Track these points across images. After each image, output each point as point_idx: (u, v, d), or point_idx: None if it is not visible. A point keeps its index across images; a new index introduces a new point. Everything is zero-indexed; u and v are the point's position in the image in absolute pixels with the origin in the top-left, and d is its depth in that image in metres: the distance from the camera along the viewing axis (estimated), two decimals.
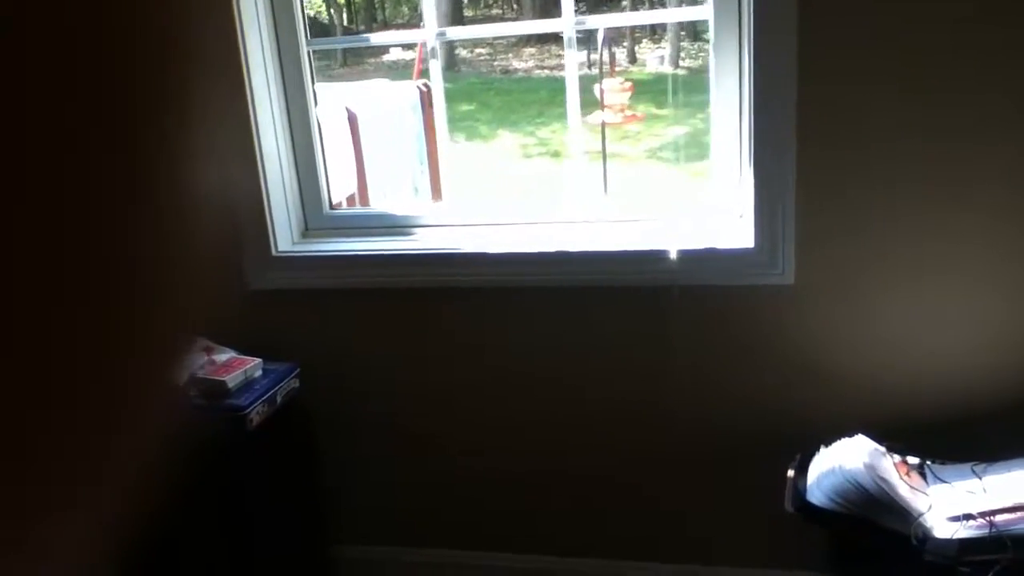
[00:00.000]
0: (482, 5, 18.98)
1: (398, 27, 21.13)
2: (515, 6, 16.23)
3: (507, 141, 10.50)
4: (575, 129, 2.08)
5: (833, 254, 1.84)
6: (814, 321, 1.89)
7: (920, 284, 1.82)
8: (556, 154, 9.61)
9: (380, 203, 4.93)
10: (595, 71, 6.42)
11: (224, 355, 1.99)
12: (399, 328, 2.13)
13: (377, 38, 4.66)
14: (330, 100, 5.09)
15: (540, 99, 10.74)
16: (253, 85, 2.02)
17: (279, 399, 1.97)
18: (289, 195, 2.15)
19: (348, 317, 2.15)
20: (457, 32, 2.32)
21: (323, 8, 19.66)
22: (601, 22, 2.78)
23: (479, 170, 9.02)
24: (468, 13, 19.66)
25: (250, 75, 2.01)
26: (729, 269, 1.90)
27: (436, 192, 5.59)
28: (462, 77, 14.33)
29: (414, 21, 18.37)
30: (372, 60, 14.01)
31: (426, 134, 5.42)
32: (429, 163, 5.51)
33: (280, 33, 2.08)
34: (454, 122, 11.37)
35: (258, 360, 1.97)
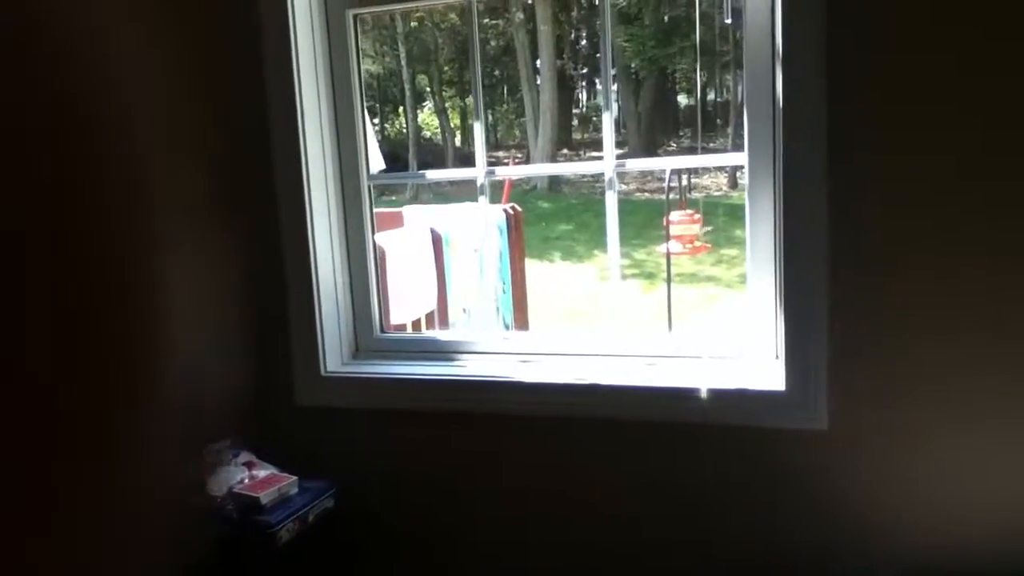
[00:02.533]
0: (591, 128, 19.58)
1: (509, 148, 21.98)
2: (622, 131, 16.68)
3: (603, 261, 10.61)
4: (614, 261, 2.12)
5: (870, 399, 1.79)
6: (849, 469, 1.82)
7: (968, 430, 1.74)
8: (650, 276, 9.65)
9: (459, 322, 5.06)
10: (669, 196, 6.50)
11: (265, 471, 2.07)
12: (439, 454, 2.16)
13: (433, 175, 4.93)
14: (417, 221, 5.33)
15: (637, 222, 10.88)
16: (313, 209, 2.15)
17: (311, 518, 2.01)
18: (342, 317, 2.26)
19: (390, 440, 2.20)
20: (504, 171, 2.44)
21: (437, 130, 20.69)
22: (637, 165, 2.85)
23: (566, 291, 9.13)
24: (576, 136, 20.28)
25: (311, 199, 2.15)
26: (759, 411, 1.87)
27: (519, 312, 5.69)
28: (564, 198, 14.70)
29: (524, 142, 19.09)
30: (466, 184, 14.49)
31: (511, 256, 5.57)
32: (513, 285, 5.64)
33: (343, 163, 2.23)
34: (551, 241, 11.60)
35: (294, 478, 2.03)
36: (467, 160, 18.62)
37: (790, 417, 1.84)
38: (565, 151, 19.82)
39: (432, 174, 3.51)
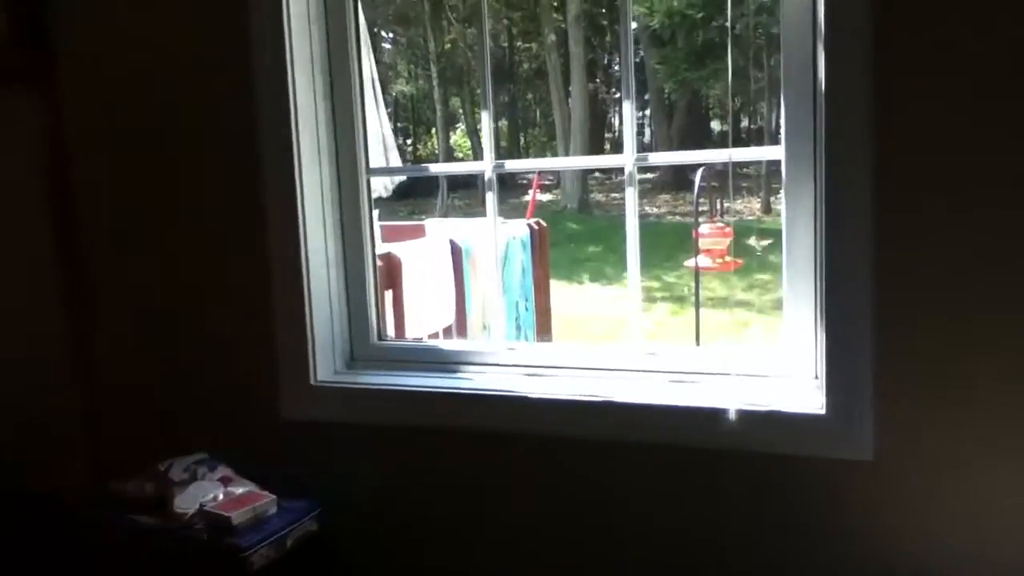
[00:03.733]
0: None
1: (541, 171, 21.83)
2: (671, 138, 16.48)
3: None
4: (633, 276, 1.92)
5: (921, 427, 1.56)
6: (896, 505, 1.59)
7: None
8: (680, 299, 9.41)
9: (479, 338, 4.86)
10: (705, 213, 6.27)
11: (243, 488, 1.87)
12: (436, 475, 1.96)
13: (438, 168, 4.74)
14: (439, 234, 5.16)
15: (668, 243, 10.65)
16: (305, 202, 1.97)
17: (290, 542, 1.81)
18: (336, 321, 2.07)
19: (383, 457, 2.00)
20: (513, 164, 2.27)
21: (469, 152, 20.64)
22: (660, 159, 2.64)
23: (593, 312, 8.93)
24: (609, 148, 20.10)
25: (303, 191, 1.97)
26: (795, 437, 1.64)
27: (542, 330, 5.48)
28: (594, 220, 14.51)
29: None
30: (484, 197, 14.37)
31: (534, 272, 5.37)
32: (536, 302, 5.43)
33: (340, 157, 2.05)
34: (580, 262, 11.40)
35: (271, 497, 1.83)
36: (506, 183, 18.53)
37: (831, 446, 1.61)
38: (597, 174, 19.68)
39: (437, 167, 3.32)
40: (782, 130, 1.70)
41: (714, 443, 1.70)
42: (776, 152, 1.73)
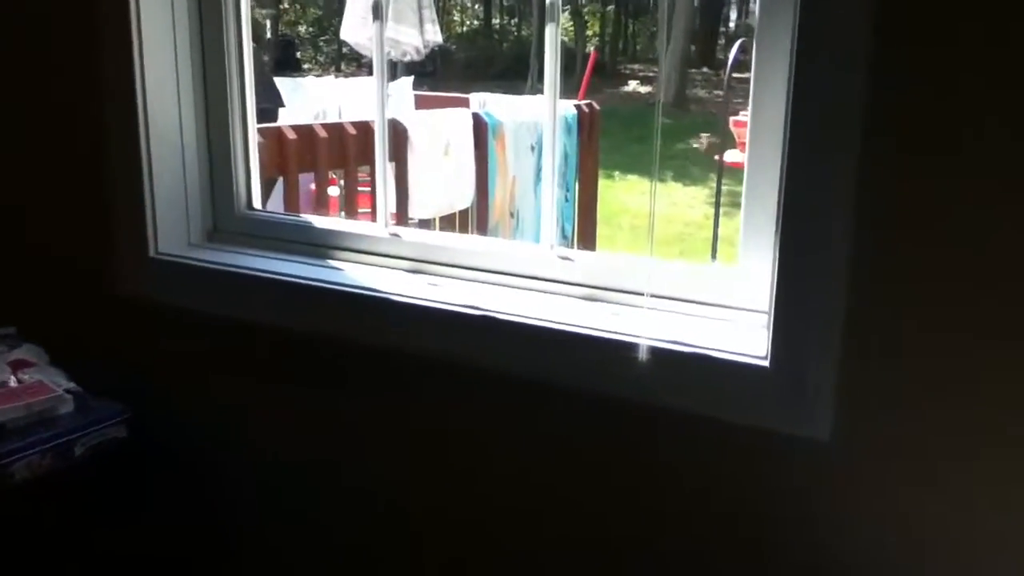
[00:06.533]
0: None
1: (646, 62, 20.74)
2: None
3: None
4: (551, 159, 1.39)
5: (900, 401, 1.03)
6: (855, 502, 1.08)
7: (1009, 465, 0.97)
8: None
9: (502, 227, 4.37)
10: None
11: (36, 375, 1.49)
12: (278, 393, 1.53)
13: None
14: (472, 107, 4.63)
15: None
16: (143, 22, 1.50)
17: (78, 450, 1.42)
18: (190, 179, 1.62)
19: (224, 359, 1.58)
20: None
21: (573, 36, 19.60)
22: None
23: (664, 212, 8.33)
24: (720, 56, 18.84)
25: (139, 8, 1.50)
26: (725, 394, 1.13)
27: (584, 226, 4.94)
28: (690, 115, 13.62)
29: (652, 57, 17.83)
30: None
31: (581, 161, 4.79)
32: (581, 194, 4.87)
33: None
34: (665, 160, 10.67)
35: (59, 392, 1.44)
36: (604, 71, 17.56)
37: (774, 413, 1.10)
38: (705, 69, 18.44)
39: None
40: None
41: (615, 389, 1.20)
42: None
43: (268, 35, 21.84)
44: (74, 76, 1.60)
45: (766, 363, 1.09)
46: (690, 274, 1.27)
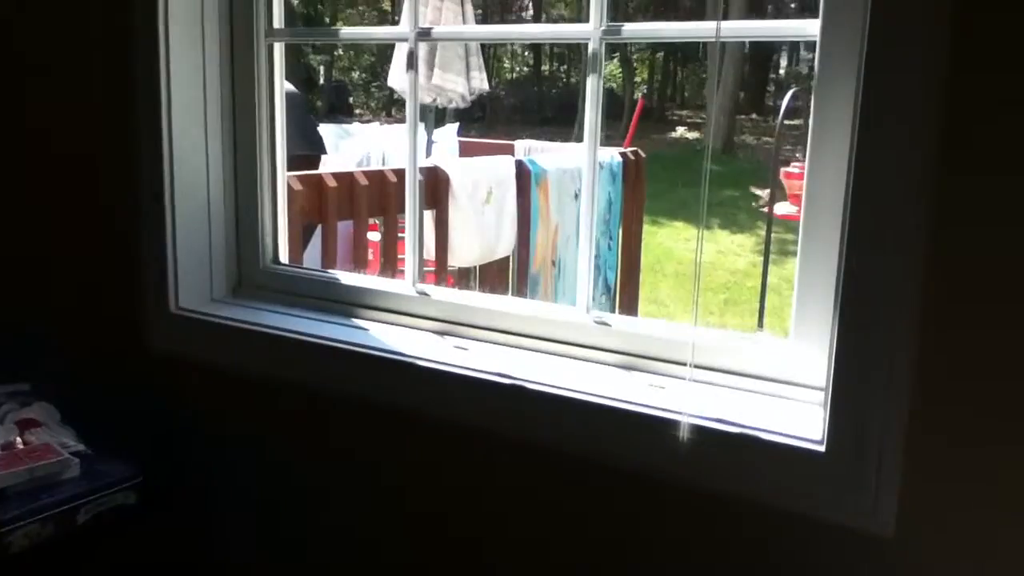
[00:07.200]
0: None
1: (694, 108, 20.69)
2: None
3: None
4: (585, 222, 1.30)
5: (967, 495, 0.90)
6: None
7: None
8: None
9: (543, 276, 4.28)
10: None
11: (43, 436, 1.43)
12: (305, 452, 1.44)
13: (350, 32, 3.31)
14: (517, 154, 4.58)
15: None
16: (171, 78, 1.46)
17: (82, 518, 1.35)
18: (215, 233, 1.56)
19: (247, 418, 1.50)
20: (441, 31, 1.70)
21: (621, 80, 19.66)
22: (634, 31, 1.90)
23: (710, 262, 8.17)
24: (770, 103, 18.77)
25: (169, 64, 1.45)
26: (775, 479, 1.01)
27: (627, 277, 4.82)
28: (737, 162, 13.49)
29: (700, 103, 17.74)
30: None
31: (624, 209, 4.69)
32: (624, 244, 4.76)
33: (235, 22, 1.52)
34: (712, 207, 10.51)
35: (67, 456, 1.37)
36: (652, 116, 17.54)
37: (830, 501, 0.98)
38: (754, 116, 18.31)
39: (348, 32, 2.75)
40: None
41: (652, 469, 1.09)
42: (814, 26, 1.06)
43: (321, 80, 22.28)
44: (106, 129, 1.56)
45: (822, 447, 0.98)
46: (737, 344, 1.16)
